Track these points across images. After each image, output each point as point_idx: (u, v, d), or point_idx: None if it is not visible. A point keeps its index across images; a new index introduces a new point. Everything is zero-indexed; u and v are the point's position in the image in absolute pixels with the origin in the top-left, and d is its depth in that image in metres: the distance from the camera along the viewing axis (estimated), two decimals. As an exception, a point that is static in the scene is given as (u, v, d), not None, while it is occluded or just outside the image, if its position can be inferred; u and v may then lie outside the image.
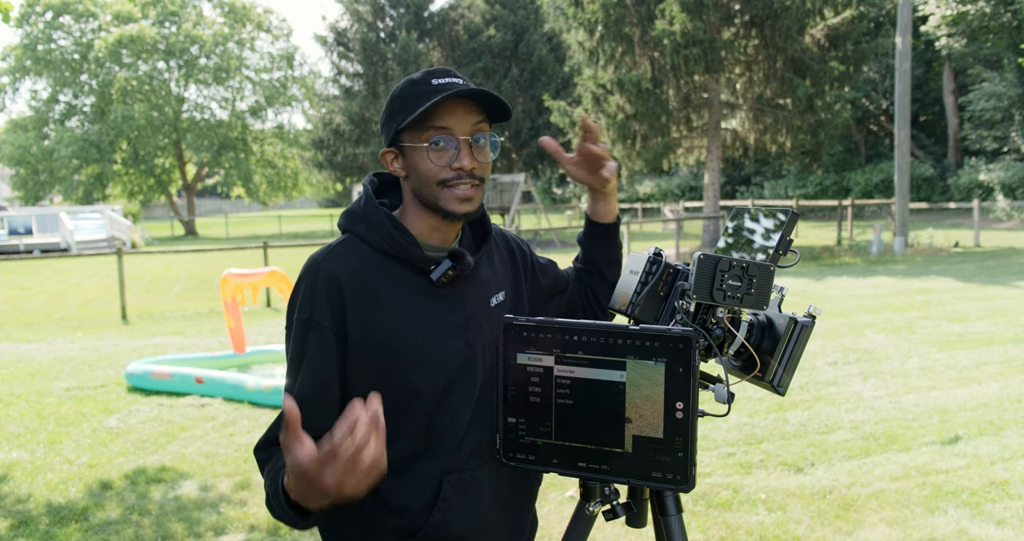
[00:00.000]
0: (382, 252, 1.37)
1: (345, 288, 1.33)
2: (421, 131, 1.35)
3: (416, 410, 1.36)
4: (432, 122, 1.34)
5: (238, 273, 6.73)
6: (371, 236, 1.38)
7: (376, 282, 1.35)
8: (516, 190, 22.43)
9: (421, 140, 1.35)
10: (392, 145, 1.40)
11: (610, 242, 1.66)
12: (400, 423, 1.37)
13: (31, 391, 6.51)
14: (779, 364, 1.34)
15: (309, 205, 72.13)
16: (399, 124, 1.36)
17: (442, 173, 1.35)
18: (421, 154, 1.35)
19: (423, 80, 1.36)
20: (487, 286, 1.48)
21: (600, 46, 18.00)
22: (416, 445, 1.37)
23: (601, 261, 1.67)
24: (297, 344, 1.36)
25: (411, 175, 1.39)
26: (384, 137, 1.42)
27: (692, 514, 3.66)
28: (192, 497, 4.10)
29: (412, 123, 1.34)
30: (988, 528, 3.45)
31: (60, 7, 39.28)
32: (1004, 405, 5.29)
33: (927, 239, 17.74)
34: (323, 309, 1.33)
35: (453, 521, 1.37)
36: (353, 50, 32.18)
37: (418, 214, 1.42)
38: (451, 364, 1.38)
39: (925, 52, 29.90)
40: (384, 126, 1.41)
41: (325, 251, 1.39)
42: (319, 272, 1.35)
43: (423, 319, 1.37)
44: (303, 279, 1.37)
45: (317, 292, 1.34)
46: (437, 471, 1.37)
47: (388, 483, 1.36)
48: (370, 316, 1.34)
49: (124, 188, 41.62)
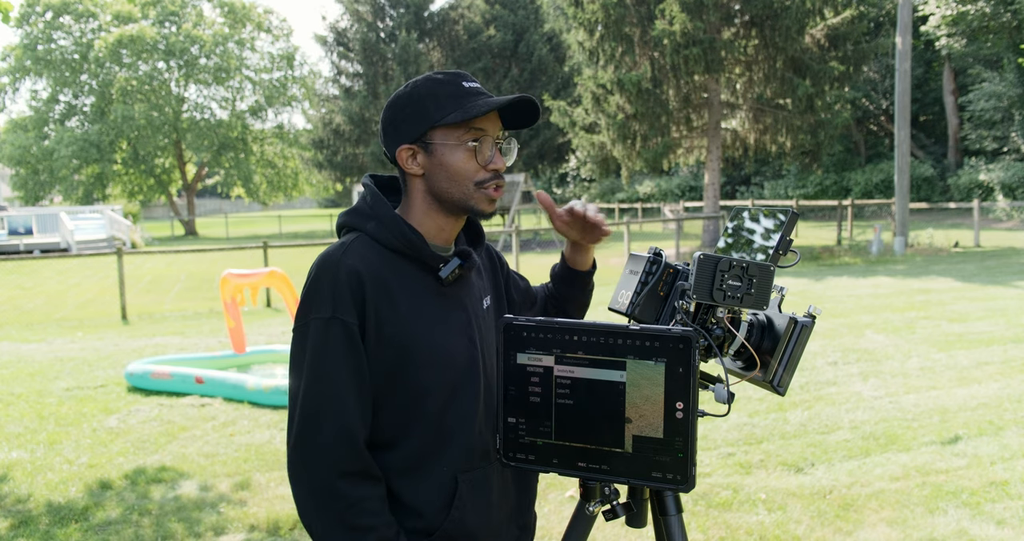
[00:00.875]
0: (392, 250, 1.38)
1: (366, 284, 1.33)
2: (460, 131, 1.37)
3: (427, 409, 1.37)
4: (473, 124, 1.37)
5: (238, 273, 6.73)
6: (382, 234, 1.38)
7: (390, 280, 1.36)
8: (516, 190, 22.42)
9: (459, 140, 1.36)
10: (415, 142, 1.39)
11: (583, 288, 1.70)
12: (412, 422, 1.37)
13: (31, 391, 6.51)
14: (779, 364, 1.34)
15: (309, 205, 72.13)
16: (436, 121, 1.36)
17: (480, 174, 1.38)
18: (457, 153, 1.37)
19: (451, 81, 1.38)
20: (479, 289, 1.50)
21: (600, 46, 18.00)
22: (428, 445, 1.37)
23: (569, 302, 1.71)
24: (318, 344, 1.32)
25: (436, 173, 1.39)
26: (402, 134, 1.40)
27: (692, 514, 3.66)
28: (192, 497, 4.10)
29: (453, 123, 1.35)
30: (988, 528, 3.45)
31: (60, 7, 39.27)
32: (1004, 405, 5.28)
33: (927, 239, 17.73)
34: (347, 305, 1.32)
35: (469, 519, 1.38)
36: (353, 50, 32.18)
37: (428, 213, 1.42)
38: (459, 362, 1.39)
39: (925, 52, 29.90)
40: (406, 123, 1.39)
41: (340, 248, 1.37)
42: (340, 268, 1.33)
43: (432, 317, 1.38)
44: (322, 277, 1.34)
45: (339, 288, 1.32)
46: (452, 471, 1.38)
47: (403, 484, 1.37)
48: (385, 313, 1.34)
49: (124, 188, 41.61)
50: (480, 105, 1.35)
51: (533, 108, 1.41)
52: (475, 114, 1.34)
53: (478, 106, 1.35)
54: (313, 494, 1.31)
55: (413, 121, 1.38)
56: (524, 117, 1.44)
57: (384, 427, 1.37)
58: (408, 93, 1.40)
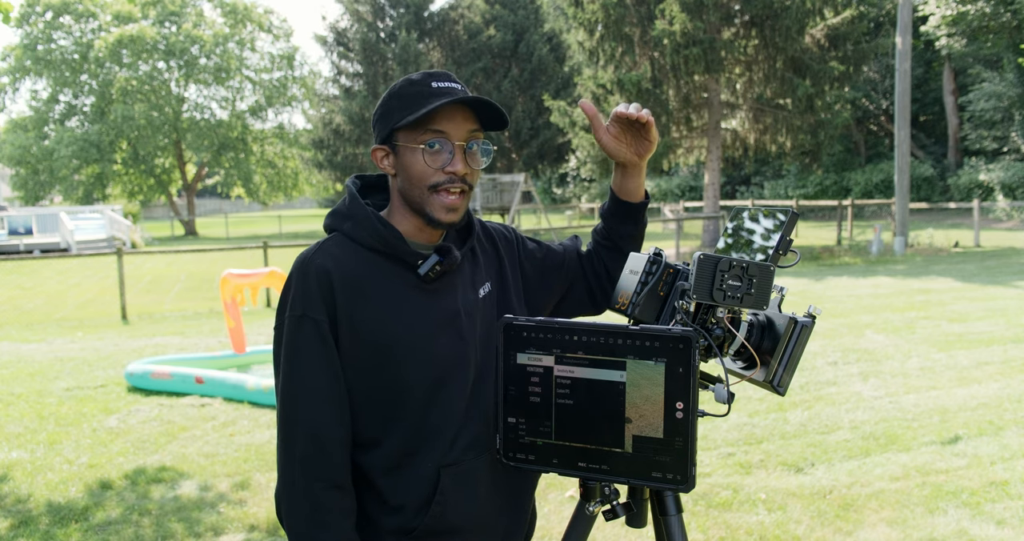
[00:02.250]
0: (369, 248, 1.39)
1: (336, 283, 1.34)
2: (417, 132, 1.36)
3: (408, 406, 1.37)
4: (430, 125, 1.35)
5: (238, 273, 6.73)
6: (357, 233, 1.39)
7: (365, 278, 1.37)
8: (516, 190, 22.43)
9: (416, 142, 1.36)
10: (385, 142, 1.41)
11: (636, 221, 1.61)
12: (393, 419, 1.37)
13: (31, 391, 6.51)
14: (779, 364, 1.34)
15: (309, 205, 72.13)
16: (396, 123, 1.36)
17: (434, 177, 1.36)
18: (415, 155, 1.36)
19: (422, 81, 1.37)
20: (473, 280, 1.49)
21: (600, 46, 18.00)
22: (410, 442, 1.38)
23: (622, 237, 1.61)
24: (291, 341, 1.36)
25: (401, 175, 1.40)
26: (376, 134, 1.42)
27: (692, 514, 3.66)
28: (192, 497, 4.10)
29: (410, 124, 1.35)
30: (988, 528, 3.45)
31: (60, 7, 39.27)
32: (1004, 405, 5.28)
33: (927, 239, 17.73)
34: (316, 303, 1.34)
35: (451, 513, 1.38)
36: (353, 50, 32.19)
37: (404, 214, 1.43)
38: (442, 358, 1.39)
39: (925, 52, 29.89)
40: (378, 123, 1.41)
41: (314, 249, 1.40)
42: (310, 268, 1.36)
43: (412, 314, 1.38)
44: (294, 276, 1.38)
45: (309, 288, 1.35)
46: (433, 466, 1.38)
47: (387, 483, 1.37)
48: (360, 311, 1.35)
49: (124, 188, 41.61)
50: (432, 106, 1.32)
51: (491, 106, 1.38)
52: (421, 115, 1.32)
53: (427, 106, 1.33)
54: (287, 493, 1.35)
55: (382, 123, 1.40)
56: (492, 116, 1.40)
57: (366, 426, 1.38)
58: (386, 94, 1.42)
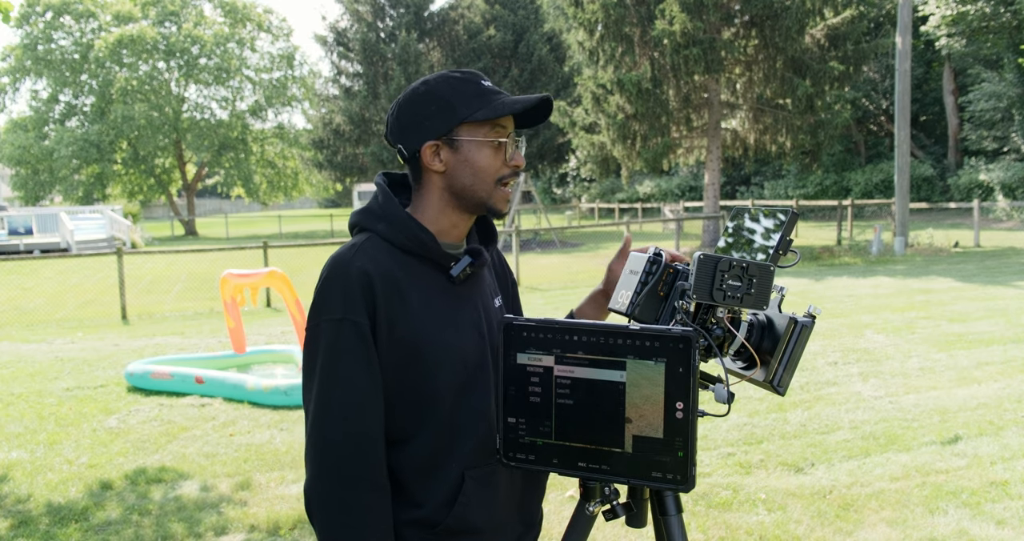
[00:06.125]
0: (403, 250, 1.39)
1: (376, 285, 1.34)
2: (485, 128, 1.39)
3: (439, 406, 1.38)
4: (498, 121, 1.40)
5: (238, 273, 6.72)
6: (392, 234, 1.39)
7: (401, 280, 1.36)
8: (516, 190, 22.43)
9: (484, 136, 1.39)
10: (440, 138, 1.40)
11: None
12: (424, 420, 1.38)
13: (31, 391, 6.51)
14: (779, 364, 1.34)
15: (309, 205, 72.16)
16: (465, 117, 1.37)
17: (501, 170, 1.41)
18: (483, 150, 1.39)
19: (471, 80, 1.41)
20: (490, 287, 1.52)
21: (600, 46, 17.99)
22: (440, 442, 1.38)
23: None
24: (330, 345, 1.33)
25: (460, 169, 1.40)
26: (421, 131, 1.40)
27: (692, 514, 3.66)
28: (192, 497, 4.10)
29: (478, 119, 1.37)
30: (988, 528, 3.45)
31: (60, 7, 39.27)
32: (1004, 405, 5.28)
33: (927, 239, 17.72)
34: (357, 306, 1.32)
35: (473, 515, 1.39)
36: (353, 50, 32.17)
37: (444, 211, 1.43)
38: (470, 360, 1.40)
39: (925, 52, 29.89)
40: (431, 119, 1.39)
41: (351, 250, 1.38)
42: (350, 270, 1.34)
43: (444, 316, 1.39)
44: (333, 278, 1.35)
45: (350, 290, 1.33)
46: (460, 468, 1.38)
47: (414, 480, 1.38)
48: (396, 313, 1.35)
49: (124, 188, 41.62)
50: (509, 103, 1.38)
51: (549, 110, 1.45)
52: (504, 112, 1.37)
53: (506, 105, 1.38)
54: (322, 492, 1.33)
55: (439, 118, 1.39)
56: (537, 117, 1.47)
57: (397, 425, 1.38)
58: (428, 91, 1.40)
